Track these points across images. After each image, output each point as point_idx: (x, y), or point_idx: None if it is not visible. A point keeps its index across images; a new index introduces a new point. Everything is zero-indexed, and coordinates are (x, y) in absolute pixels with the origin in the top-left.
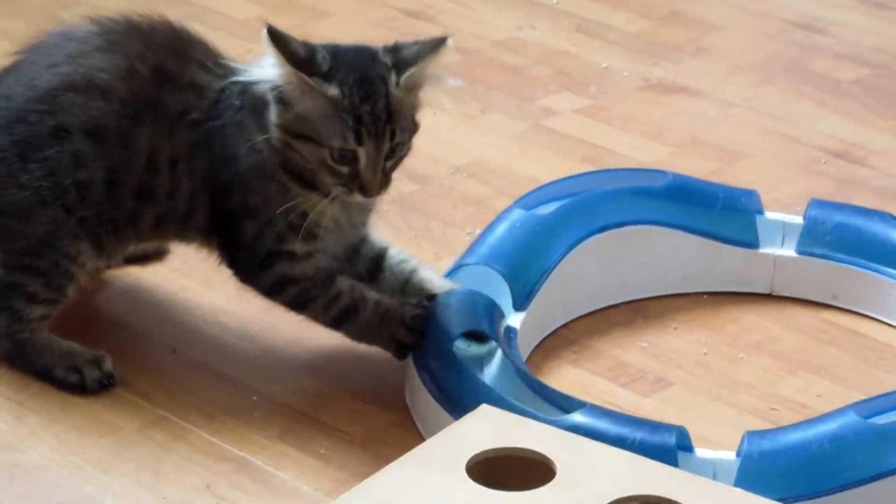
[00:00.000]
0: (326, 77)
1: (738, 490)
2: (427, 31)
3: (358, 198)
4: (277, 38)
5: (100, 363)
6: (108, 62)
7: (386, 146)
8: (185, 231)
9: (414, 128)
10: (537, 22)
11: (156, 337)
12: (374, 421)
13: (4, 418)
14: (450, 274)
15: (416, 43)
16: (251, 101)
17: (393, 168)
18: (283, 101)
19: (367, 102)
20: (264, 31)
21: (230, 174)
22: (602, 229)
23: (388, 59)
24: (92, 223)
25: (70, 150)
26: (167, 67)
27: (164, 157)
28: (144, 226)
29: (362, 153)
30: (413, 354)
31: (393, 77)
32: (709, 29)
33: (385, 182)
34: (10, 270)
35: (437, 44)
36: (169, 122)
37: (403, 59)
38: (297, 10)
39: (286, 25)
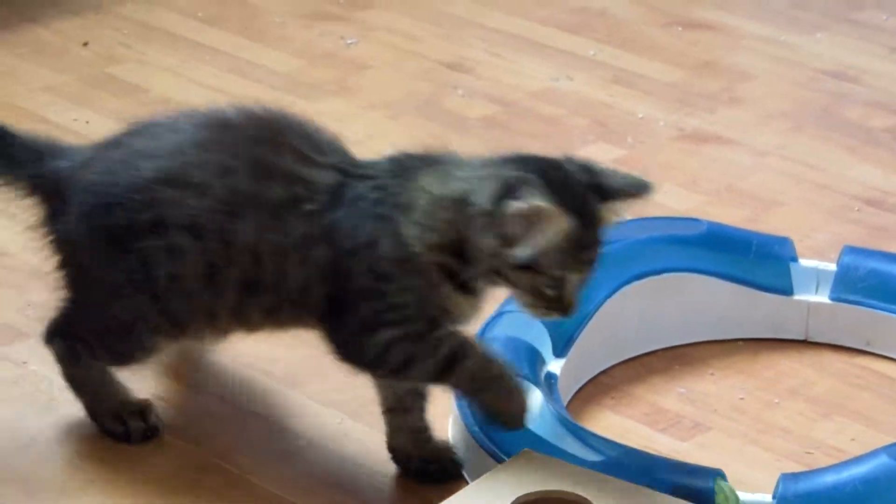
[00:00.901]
0: (560, 206)
1: None
2: (465, 83)
3: (553, 316)
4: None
5: (145, 415)
6: (203, 158)
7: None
8: (300, 318)
9: None
10: (573, 72)
11: (203, 384)
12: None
13: (59, 464)
14: (492, 321)
15: (613, 171)
16: (396, 200)
17: None
18: (505, 238)
19: (589, 229)
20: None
21: (361, 261)
22: (639, 277)
23: (583, 178)
24: (180, 315)
25: (166, 243)
26: (263, 160)
27: (270, 249)
28: (254, 317)
29: (575, 278)
30: (456, 398)
31: (602, 204)
32: (742, 78)
33: None
34: (87, 325)
35: (643, 187)
36: (272, 214)
37: (608, 187)
38: (336, 63)
39: (327, 79)
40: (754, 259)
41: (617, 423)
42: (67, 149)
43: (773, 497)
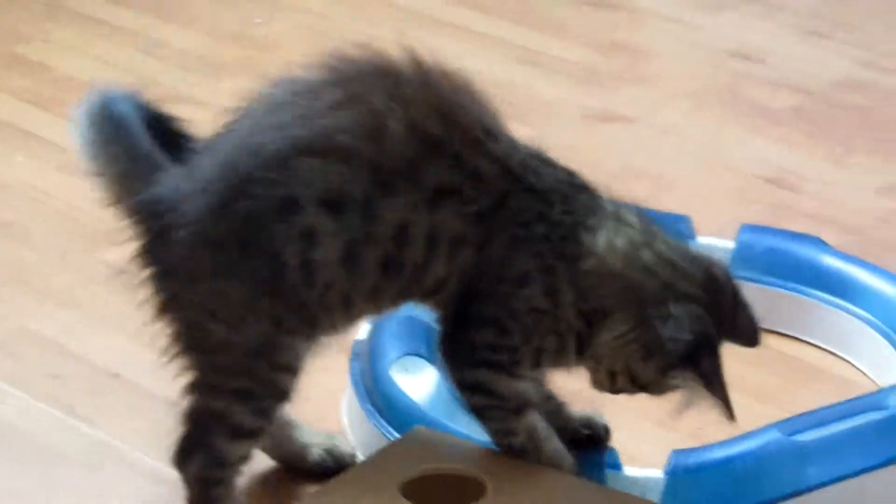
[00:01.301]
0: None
1: None
2: None
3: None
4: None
5: None
6: (349, 119)
7: None
8: (423, 301)
9: None
10: (480, 52)
11: (100, 363)
12: None
13: None
14: None
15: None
16: (563, 248)
17: None
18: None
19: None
20: None
21: (504, 290)
22: None
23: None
24: (313, 309)
25: (300, 225)
26: (426, 129)
27: (420, 232)
28: (385, 299)
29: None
30: (351, 376)
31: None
32: (647, 57)
33: None
34: (211, 395)
35: (753, 341)
36: (428, 195)
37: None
38: (245, 43)
39: (234, 57)
40: None
41: None
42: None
43: (664, 472)
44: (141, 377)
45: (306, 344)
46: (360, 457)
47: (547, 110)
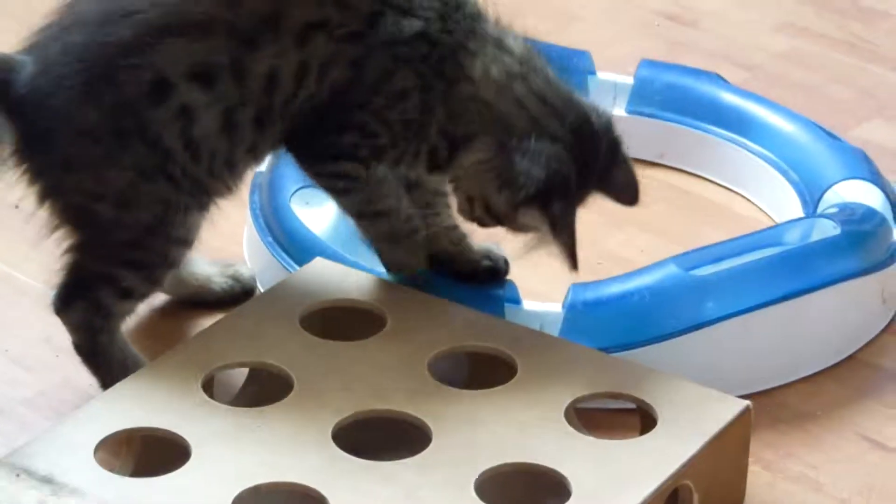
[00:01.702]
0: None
1: (560, 338)
2: None
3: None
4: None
5: None
6: None
7: None
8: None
9: None
10: None
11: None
12: None
13: None
14: None
15: (626, 164)
16: (440, 67)
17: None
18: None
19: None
20: None
21: (378, 99)
22: None
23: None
24: (204, 181)
25: (176, 105)
26: None
27: (289, 71)
28: (265, 149)
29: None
30: (251, 209)
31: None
32: None
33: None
34: (101, 262)
35: (632, 200)
36: (295, 34)
37: (609, 181)
38: None
39: None
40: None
41: None
42: (15, 60)
43: (563, 306)
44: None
45: (199, 214)
46: (260, 288)
47: None
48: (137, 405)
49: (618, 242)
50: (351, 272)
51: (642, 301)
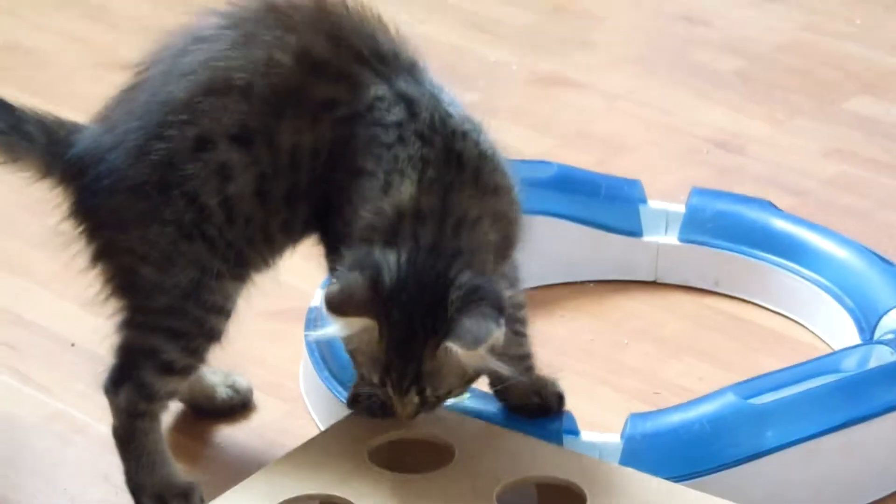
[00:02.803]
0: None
1: (626, 468)
2: None
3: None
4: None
5: (188, 497)
6: (244, 57)
7: (413, 400)
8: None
9: (474, 375)
10: (426, 16)
11: (54, 331)
12: (272, 412)
13: None
14: None
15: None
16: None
17: (437, 405)
18: None
19: (398, 359)
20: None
21: (351, 186)
22: None
23: (454, 307)
24: (238, 244)
25: (215, 161)
26: (314, 52)
27: (306, 150)
28: (296, 229)
29: (389, 392)
30: (307, 344)
31: (433, 343)
32: (594, 21)
33: (422, 412)
34: (143, 332)
35: (477, 341)
36: (312, 112)
37: (453, 323)
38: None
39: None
40: (604, 201)
41: None
42: (82, 125)
43: (622, 437)
44: (96, 345)
45: (235, 284)
46: (317, 422)
47: (493, 74)
48: None
49: (675, 372)
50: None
51: (702, 430)
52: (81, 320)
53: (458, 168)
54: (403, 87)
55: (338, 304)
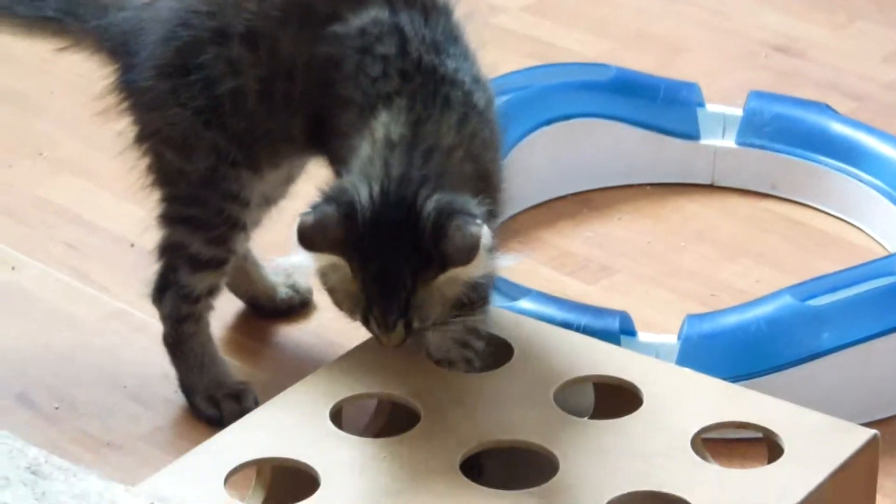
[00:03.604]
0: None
1: (684, 368)
2: None
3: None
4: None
5: (240, 398)
6: None
7: (400, 332)
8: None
9: (456, 301)
10: None
11: (114, 231)
12: (330, 312)
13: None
14: None
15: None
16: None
17: (425, 331)
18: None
19: (381, 296)
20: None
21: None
22: (548, 122)
23: (429, 231)
24: (248, 137)
25: (226, 55)
26: None
27: (301, 62)
28: (298, 141)
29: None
30: None
31: (429, 274)
32: None
33: (407, 340)
34: (172, 225)
35: (470, 250)
36: (314, 26)
37: (442, 251)
38: None
39: None
40: (661, 104)
41: (525, 267)
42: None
43: (679, 337)
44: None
45: (249, 174)
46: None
47: None
48: (267, 436)
49: (731, 274)
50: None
51: (758, 332)
52: (141, 221)
53: (442, 109)
54: (404, 21)
55: (309, 239)
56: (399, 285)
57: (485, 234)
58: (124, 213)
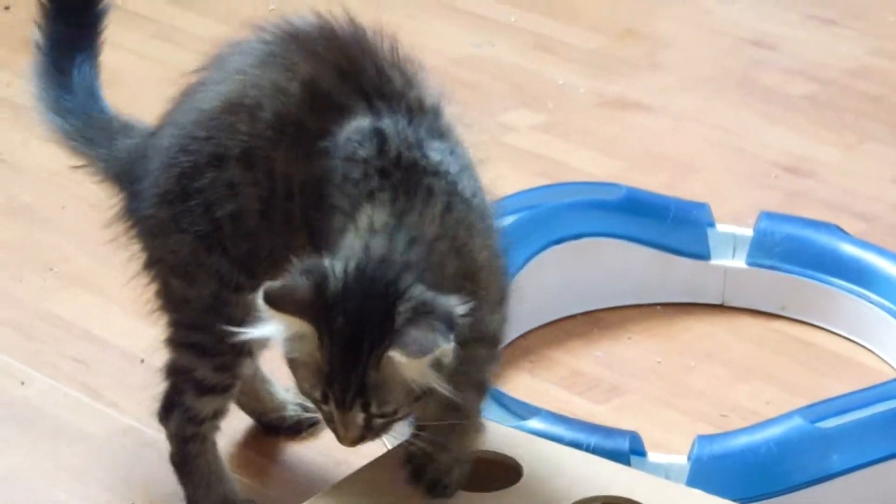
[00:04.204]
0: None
1: (694, 490)
2: None
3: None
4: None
5: None
6: (260, 77)
7: (358, 416)
8: None
9: (420, 394)
10: (495, 39)
11: (124, 347)
12: None
13: None
14: None
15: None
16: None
17: (382, 428)
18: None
19: (342, 370)
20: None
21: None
22: (558, 241)
23: (403, 317)
24: (250, 258)
25: (224, 178)
26: (321, 83)
27: (296, 182)
28: (299, 251)
29: (332, 410)
30: None
31: (378, 352)
32: (662, 44)
33: (366, 438)
34: (179, 350)
35: (421, 349)
36: (306, 146)
37: (398, 330)
38: None
39: None
40: (672, 224)
41: (535, 387)
42: (138, 124)
43: (689, 458)
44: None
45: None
46: (387, 445)
47: (561, 97)
48: None
49: (742, 395)
50: (489, 425)
51: (768, 453)
52: (150, 336)
53: (425, 199)
54: (386, 124)
55: (276, 299)
56: (359, 359)
57: (445, 352)
58: (134, 330)
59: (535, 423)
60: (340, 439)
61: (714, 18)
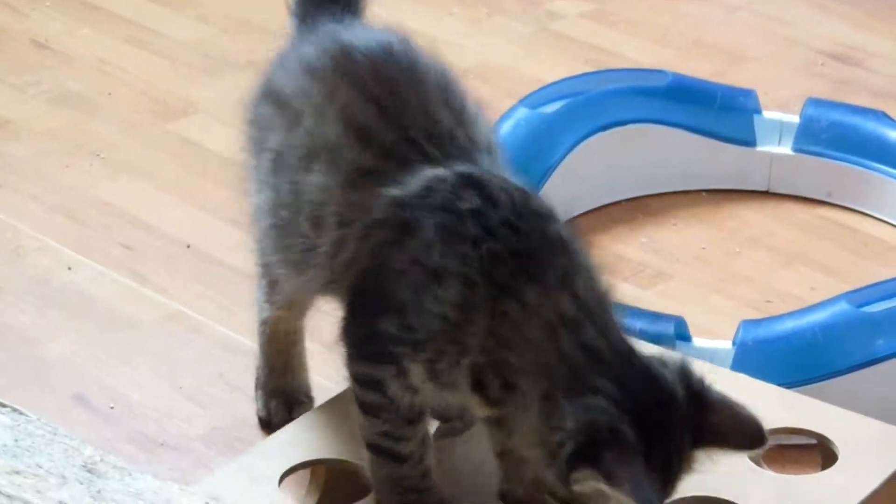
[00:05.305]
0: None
1: (739, 374)
2: None
3: None
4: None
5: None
6: (307, 85)
7: None
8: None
9: None
10: None
11: (171, 233)
12: None
13: (27, 311)
14: None
15: (722, 400)
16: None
17: None
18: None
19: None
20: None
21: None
22: (604, 128)
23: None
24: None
25: (257, 160)
26: (362, 118)
27: (331, 215)
28: (315, 284)
29: None
30: None
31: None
32: None
33: None
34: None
35: (757, 439)
36: (347, 178)
37: (711, 428)
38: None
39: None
40: (718, 111)
41: None
42: None
43: (733, 343)
44: (212, 248)
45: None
46: None
47: None
48: (322, 437)
49: (787, 281)
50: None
51: (813, 338)
52: (198, 223)
53: (564, 254)
54: (465, 169)
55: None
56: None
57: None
58: (181, 216)
59: None
60: None
61: None
